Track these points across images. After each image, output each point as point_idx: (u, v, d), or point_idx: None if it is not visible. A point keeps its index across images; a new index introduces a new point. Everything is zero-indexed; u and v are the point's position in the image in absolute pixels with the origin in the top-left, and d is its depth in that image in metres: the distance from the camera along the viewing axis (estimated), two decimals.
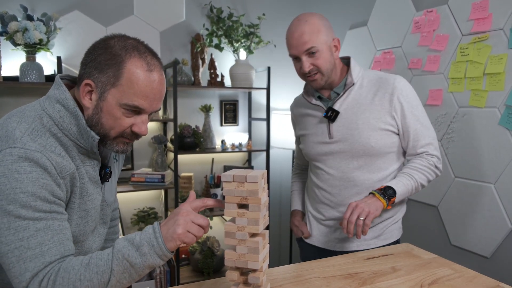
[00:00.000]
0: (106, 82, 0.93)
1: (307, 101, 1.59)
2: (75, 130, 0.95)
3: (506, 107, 1.74)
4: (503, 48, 1.75)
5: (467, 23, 1.91)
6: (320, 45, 1.41)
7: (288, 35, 1.46)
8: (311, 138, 1.58)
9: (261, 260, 0.92)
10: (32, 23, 2.21)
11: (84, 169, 0.99)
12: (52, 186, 0.88)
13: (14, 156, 0.84)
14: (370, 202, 1.34)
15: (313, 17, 1.44)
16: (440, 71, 2.05)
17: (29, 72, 2.27)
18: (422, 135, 1.45)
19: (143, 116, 0.97)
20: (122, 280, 0.87)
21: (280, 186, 3.37)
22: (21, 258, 0.83)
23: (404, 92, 1.44)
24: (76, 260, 0.87)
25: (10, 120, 0.91)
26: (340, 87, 1.51)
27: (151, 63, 0.95)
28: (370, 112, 1.45)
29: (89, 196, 1.00)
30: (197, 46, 2.78)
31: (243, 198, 0.89)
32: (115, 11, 2.66)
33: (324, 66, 1.43)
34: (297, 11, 3.27)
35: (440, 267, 1.24)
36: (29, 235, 0.84)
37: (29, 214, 0.84)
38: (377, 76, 1.50)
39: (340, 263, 1.27)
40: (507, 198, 1.76)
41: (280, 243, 3.43)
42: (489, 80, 1.81)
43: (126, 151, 1.01)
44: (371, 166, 1.48)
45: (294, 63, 1.49)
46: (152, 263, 0.88)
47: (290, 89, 3.33)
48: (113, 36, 0.97)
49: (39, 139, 0.89)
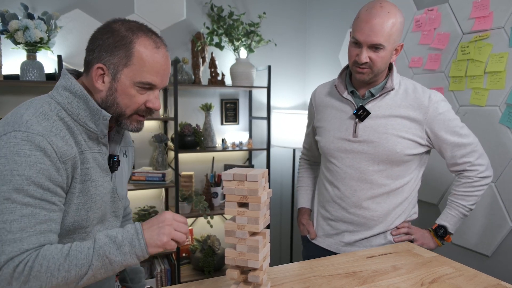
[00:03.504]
0: (118, 63, 0.97)
1: (338, 93, 1.52)
2: (84, 115, 0.98)
3: (507, 106, 1.73)
4: (504, 46, 1.75)
5: (468, 22, 1.91)
6: (387, 45, 1.35)
7: (362, 15, 1.36)
8: (333, 132, 1.53)
9: (261, 259, 0.92)
10: (32, 21, 2.21)
11: (91, 155, 1.01)
12: (50, 170, 0.89)
13: (17, 139, 0.87)
14: (427, 237, 1.52)
15: (396, 12, 1.35)
16: (441, 70, 2.04)
17: (29, 70, 2.27)
18: (459, 147, 1.44)
19: (156, 92, 1.02)
20: (97, 275, 0.90)
21: (281, 185, 3.38)
22: (0, 240, 0.84)
23: (440, 107, 1.42)
24: (55, 248, 0.87)
25: (20, 108, 0.95)
26: (378, 89, 1.47)
27: (157, 40, 1.00)
28: (402, 120, 1.43)
29: (92, 182, 1.01)
30: (197, 44, 2.78)
31: (243, 197, 0.89)
32: (115, 10, 2.66)
33: (378, 65, 1.38)
34: (298, 10, 3.27)
35: (441, 266, 1.24)
36: (13, 219, 0.85)
37: (19, 198, 0.85)
38: (414, 86, 1.47)
39: (340, 262, 1.27)
40: (508, 197, 1.76)
41: (281, 242, 3.43)
42: (490, 78, 1.80)
43: (139, 129, 1.05)
44: (391, 172, 1.46)
45: (351, 46, 1.41)
46: (130, 262, 0.91)
47: (290, 88, 3.33)
48: (115, 20, 1.02)
49: (45, 122, 0.92)
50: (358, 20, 1.37)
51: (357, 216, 1.50)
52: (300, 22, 3.30)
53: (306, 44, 3.34)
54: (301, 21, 3.30)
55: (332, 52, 3.00)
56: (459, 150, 1.44)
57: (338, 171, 1.52)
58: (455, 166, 1.47)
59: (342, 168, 1.51)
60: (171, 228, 0.93)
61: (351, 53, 1.41)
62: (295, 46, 3.30)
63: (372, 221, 1.50)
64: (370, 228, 1.51)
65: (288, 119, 2.92)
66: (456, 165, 1.47)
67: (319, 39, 3.16)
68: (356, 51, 1.39)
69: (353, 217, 1.51)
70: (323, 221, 1.61)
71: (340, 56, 2.88)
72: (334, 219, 1.56)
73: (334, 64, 2.98)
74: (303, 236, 1.71)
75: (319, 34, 3.16)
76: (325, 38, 3.08)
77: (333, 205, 1.56)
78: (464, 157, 1.44)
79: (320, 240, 1.61)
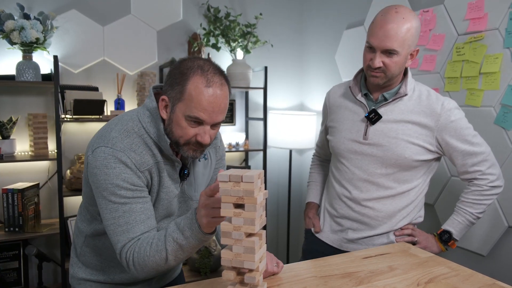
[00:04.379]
0: (175, 97, 1.10)
1: (352, 94, 1.54)
2: (157, 134, 1.15)
3: (502, 106, 1.74)
4: (498, 47, 1.76)
5: (463, 23, 1.92)
6: (401, 50, 1.36)
7: (378, 21, 1.37)
8: (344, 134, 1.55)
9: (257, 260, 0.92)
10: (28, 22, 2.20)
11: (165, 166, 1.18)
12: (133, 178, 1.10)
13: (105, 154, 1.08)
14: (431, 241, 1.51)
15: (411, 17, 1.35)
16: (436, 71, 2.05)
17: (25, 71, 2.26)
18: (471, 155, 1.44)
19: (206, 127, 1.11)
20: (179, 256, 1.06)
21: (278, 185, 3.38)
22: (115, 232, 1.10)
23: (452, 115, 1.42)
24: (146, 238, 1.08)
25: (112, 121, 1.17)
26: (391, 94, 1.48)
27: (211, 79, 1.08)
28: (413, 125, 1.43)
29: (164, 188, 1.20)
30: (194, 45, 2.77)
31: (239, 198, 0.89)
32: (112, 10, 2.66)
33: (392, 70, 1.39)
34: (295, 11, 3.28)
35: (437, 266, 1.25)
36: (119, 216, 1.09)
37: (117, 200, 1.09)
38: (428, 93, 1.47)
39: (337, 262, 1.28)
40: (503, 197, 1.77)
41: (277, 243, 3.43)
42: (484, 79, 1.81)
43: (196, 156, 1.16)
44: (398, 176, 1.47)
45: (366, 50, 1.43)
46: (196, 244, 1.04)
47: (287, 88, 3.33)
48: (187, 58, 1.14)
49: (127, 139, 1.12)
50: (373, 25, 1.39)
51: (362, 214, 1.52)
52: (297, 23, 3.30)
53: (302, 45, 3.34)
54: (298, 22, 3.31)
55: (328, 53, 3.00)
56: (470, 159, 1.44)
57: (346, 171, 1.54)
58: (466, 174, 1.47)
59: (350, 169, 1.53)
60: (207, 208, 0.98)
61: (365, 57, 1.43)
62: (291, 47, 3.30)
63: (376, 220, 1.51)
64: (374, 227, 1.52)
65: (285, 120, 2.92)
66: (466, 173, 1.47)
67: (315, 40, 3.17)
68: (370, 55, 1.40)
69: (358, 215, 1.53)
70: (329, 217, 1.63)
71: (337, 57, 2.88)
72: (339, 216, 1.58)
73: (330, 65, 2.98)
74: (307, 229, 1.73)
75: (315, 35, 3.16)
76: (322, 39, 3.08)
77: (339, 202, 1.58)
78: (475, 166, 1.44)
79: (324, 235, 1.63)
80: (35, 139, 2.38)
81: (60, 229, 2.35)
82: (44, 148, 2.41)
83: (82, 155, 2.49)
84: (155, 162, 1.16)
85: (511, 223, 1.75)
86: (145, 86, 2.63)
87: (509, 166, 1.73)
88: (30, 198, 2.33)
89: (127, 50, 2.73)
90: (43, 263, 2.44)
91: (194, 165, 1.29)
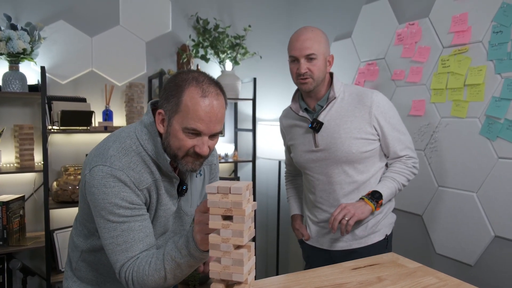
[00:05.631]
0: (171, 110, 1.09)
1: (295, 113, 1.69)
2: (155, 152, 1.14)
3: (487, 117, 1.78)
4: (482, 60, 1.80)
5: (447, 36, 1.96)
6: (319, 54, 1.55)
7: (293, 38, 1.59)
8: (299, 147, 1.70)
9: (246, 272, 0.91)
10: (16, 32, 2.19)
11: (163, 183, 1.18)
12: (131, 196, 1.09)
13: (104, 172, 1.07)
14: (358, 206, 1.54)
15: (318, 30, 1.60)
16: (422, 82, 2.08)
17: (12, 81, 2.24)
18: (400, 141, 1.62)
19: (204, 138, 1.10)
20: (177, 275, 1.06)
21: (267, 196, 3.37)
22: (113, 251, 1.09)
23: (381, 104, 1.58)
24: (145, 257, 1.08)
25: (110, 138, 1.16)
26: (324, 100, 1.63)
27: (206, 90, 1.08)
28: (352, 122, 1.58)
29: (162, 206, 1.20)
30: (183, 56, 2.78)
31: (227, 210, 0.88)
32: (100, 21, 2.66)
33: (317, 73, 1.56)
34: (283, 23, 3.31)
35: (425, 276, 1.25)
36: (117, 235, 1.08)
37: (115, 219, 1.08)
38: (357, 90, 1.63)
39: (326, 274, 1.27)
40: (489, 207, 1.79)
41: (267, 255, 3.41)
42: (469, 91, 1.85)
43: (194, 169, 1.15)
44: (354, 170, 1.61)
45: (291, 65, 1.61)
46: (194, 261, 1.03)
47: (275, 99, 3.35)
48: (182, 71, 1.14)
49: (125, 157, 1.11)
50: (290, 42, 1.60)
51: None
52: (285, 35, 3.34)
53: None
54: (286, 34, 3.34)
55: None
56: (399, 144, 1.61)
57: (312, 179, 1.70)
58: (395, 157, 1.63)
59: (314, 176, 1.68)
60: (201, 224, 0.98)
61: (292, 71, 1.60)
62: (280, 58, 3.33)
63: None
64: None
65: (274, 131, 2.93)
66: (396, 155, 1.63)
67: None
68: (295, 66, 1.58)
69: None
70: (313, 224, 1.76)
71: None
72: (320, 221, 1.71)
73: None
74: (299, 240, 1.84)
75: None
76: None
77: (316, 209, 1.72)
78: (403, 151, 1.62)
79: (314, 241, 1.76)
80: (21, 151, 2.35)
81: (46, 242, 2.31)
82: (30, 159, 2.38)
83: (69, 167, 2.46)
84: (153, 180, 1.15)
85: (497, 233, 1.77)
86: (134, 97, 2.62)
87: (494, 176, 1.76)
88: (15, 211, 2.29)
89: (115, 61, 2.72)
90: (27, 277, 2.39)
91: (191, 181, 1.29)
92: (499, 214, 1.75)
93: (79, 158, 2.63)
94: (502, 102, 1.71)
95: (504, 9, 1.71)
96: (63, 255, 2.44)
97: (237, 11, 3.12)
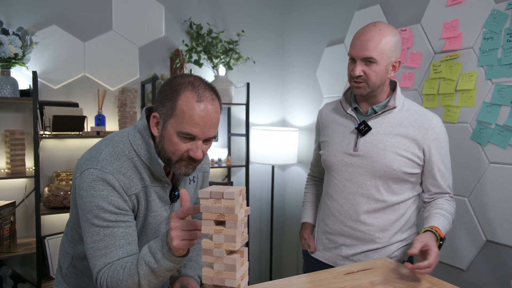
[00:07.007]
0: (166, 114, 1.09)
1: (343, 109, 1.57)
2: (148, 156, 1.14)
3: (478, 123, 1.79)
4: (473, 66, 1.82)
5: (439, 42, 1.98)
6: (380, 59, 1.40)
7: (356, 34, 1.45)
8: (335, 146, 1.56)
9: (239, 278, 0.91)
10: (7, 37, 2.17)
11: (153, 189, 1.17)
12: (118, 201, 1.09)
13: (94, 176, 1.08)
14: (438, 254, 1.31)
15: (388, 30, 1.41)
16: (414, 88, 2.10)
17: (3, 86, 2.22)
18: (444, 177, 1.49)
19: (198, 142, 1.10)
20: (151, 281, 1.03)
21: (260, 201, 3.37)
22: (93, 256, 1.08)
23: (438, 131, 1.46)
24: (120, 262, 1.07)
25: (103, 142, 1.16)
26: (380, 107, 1.50)
27: (202, 94, 1.09)
28: (401, 138, 1.45)
29: (152, 213, 1.18)
30: (176, 61, 2.78)
31: (220, 215, 0.88)
32: (93, 26, 2.65)
33: (373, 79, 1.42)
34: (276, 29, 3.33)
35: (418, 281, 1.25)
36: (99, 239, 1.08)
37: (100, 223, 1.07)
38: (418, 108, 1.50)
39: (320, 279, 1.27)
40: (480, 211, 1.80)
41: (260, 260, 3.40)
42: (461, 96, 1.86)
43: (188, 173, 1.14)
44: (387, 189, 1.48)
45: (349, 63, 1.48)
46: (168, 267, 1.01)
47: (269, 104, 3.35)
48: (178, 75, 1.14)
49: (117, 162, 1.11)
50: (353, 39, 1.46)
51: (354, 229, 1.51)
52: (279, 41, 3.35)
53: (284, 61, 3.39)
54: (280, 39, 3.35)
55: (310, 69, 3.05)
56: (444, 180, 1.49)
57: (337, 184, 1.55)
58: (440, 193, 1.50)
59: (341, 181, 1.54)
60: (176, 230, 0.96)
61: (348, 69, 1.47)
62: (273, 64, 3.34)
63: (368, 235, 1.50)
64: (367, 242, 1.51)
65: (267, 135, 2.94)
66: (441, 192, 1.50)
67: (297, 57, 3.21)
68: (352, 66, 1.45)
69: (350, 230, 1.52)
70: (322, 235, 1.62)
71: (318, 74, 2.93)
72: (332, 232, 1.57)
73: (312, 81, 3.02)
74: (303, 250, 1.71)
75: (297, 52, 3.21)
76: (303, 55, 3.13)
77: (332, 218, 1.57)
78: (448, 188, 1.50)
79: (319, 254, 1.63)
80: (12, 156, 2.32)
81: (37, 249, 2.28)
82: (21, 165, 2.35)
83: (61, 172, 2.44)
84: (143, 187, 1.15)
85: (489, 237, 1.78)
86: (127, 102, 2.61)
87: (486, 181, 1.77)
88: (5, 217, 2.26)
89: (108, 66, 2.71)
90: (18, 284, 2.36)
91: (184, 187, 1.29)
92: (491, 218, 1.76)
93: (71, 163, 2.61)
94: (493, 108, 1.73)
95: (495, 16, 1.73)
96: (54, 261, 2.41)
97: (231, 17, 3.13)
